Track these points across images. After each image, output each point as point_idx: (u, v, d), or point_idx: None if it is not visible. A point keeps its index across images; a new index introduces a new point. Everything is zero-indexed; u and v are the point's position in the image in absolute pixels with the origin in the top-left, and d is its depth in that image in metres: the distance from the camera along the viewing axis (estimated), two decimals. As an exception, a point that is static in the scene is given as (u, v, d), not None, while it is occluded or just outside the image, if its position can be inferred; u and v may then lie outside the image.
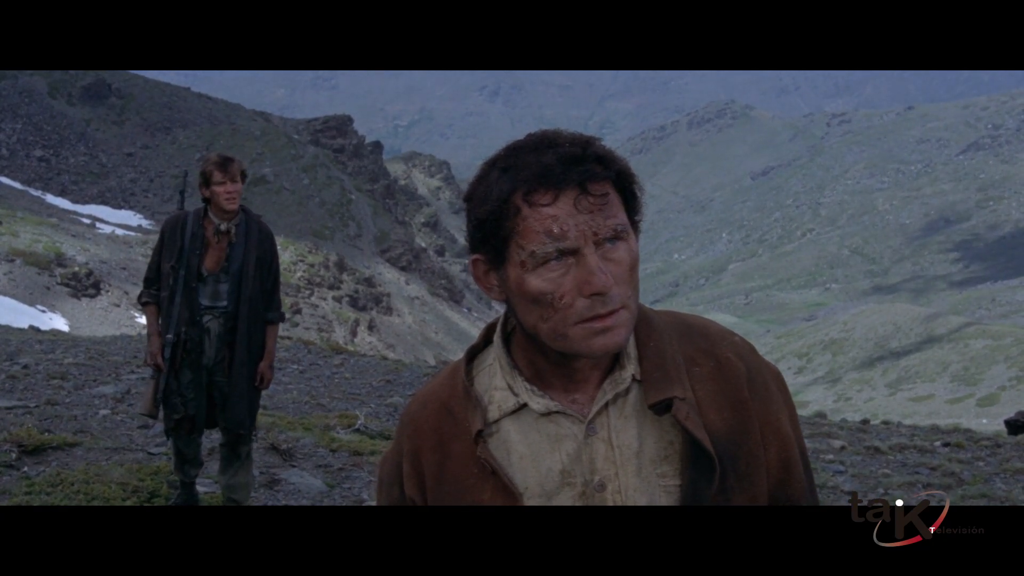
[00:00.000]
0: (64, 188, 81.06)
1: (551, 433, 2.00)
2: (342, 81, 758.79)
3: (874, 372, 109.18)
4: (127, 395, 12.81)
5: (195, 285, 7.10)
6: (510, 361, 2.06)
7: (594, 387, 2.01)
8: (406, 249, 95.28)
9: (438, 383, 2.16)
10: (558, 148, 1.89)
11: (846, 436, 14.40)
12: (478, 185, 1.95)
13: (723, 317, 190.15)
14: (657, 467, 1.98)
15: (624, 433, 1.99)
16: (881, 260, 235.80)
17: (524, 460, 2.00)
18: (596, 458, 1.98)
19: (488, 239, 1.93)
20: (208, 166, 7.11)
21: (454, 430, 2.05)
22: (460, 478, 2.02)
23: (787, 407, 2.13)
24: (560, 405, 2.00)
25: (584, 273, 1.85)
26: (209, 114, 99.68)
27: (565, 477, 1.98)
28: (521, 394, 2.02)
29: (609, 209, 1.88)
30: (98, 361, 16.16)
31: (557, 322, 1.88)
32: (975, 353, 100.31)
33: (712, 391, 2.03)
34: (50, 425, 10.41)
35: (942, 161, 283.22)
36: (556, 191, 1.85)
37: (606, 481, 1.97)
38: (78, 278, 50.38)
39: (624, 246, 1.91)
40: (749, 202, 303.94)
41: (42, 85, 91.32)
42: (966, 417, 74.60)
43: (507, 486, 1.97)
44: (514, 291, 1.93)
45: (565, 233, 1.84)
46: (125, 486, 7.88)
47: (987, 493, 10.53)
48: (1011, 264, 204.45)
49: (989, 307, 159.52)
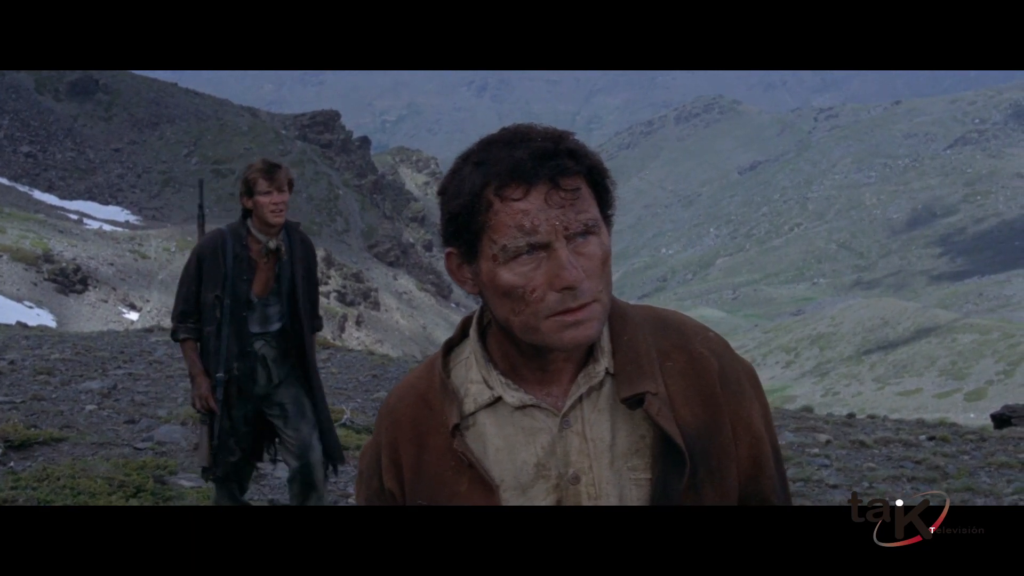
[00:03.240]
0: (51, 184, 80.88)
1: (526, 426, 2.01)
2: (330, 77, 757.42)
3: (862, 366, 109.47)
4: (113, 390, 12.80)
5: (244, 314, 6.34)
6: (485, 355, 2.07)
7: (568, 381, 2.02)
8: (394, 244, 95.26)
9: (416, 376, 2.17)
10: (530, 143, 1.90)
11: (831, 430, 14.43)
12: (452, 179, 1.96)
13: (711, 312, 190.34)
14: (628, 460, 2.00)
15: (597, 426, 2.01)
16: (869, 255, 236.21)
17: (500, 453, 2.01)
18: (570, 451, 1.99)
19: (461, 233, 1.95)
20: (252, 173, 6.31)
21: (431, 423, 2.06)
22: (438, 470, 2.03)
23: (759, 404, 2.15)
24: (535, 399, 2.01)
25: (555, 267, 1.86)
26: (196, 110, 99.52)
27: (540, 470, 2.00)
28: (496, 387, 2.03)
29: (580, 204, 1.90)
30: (84, 357, 16.16)
31: (529, 315, 1.90)
32: (963, 347, 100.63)
33: (684, 386, 2.05)
34: (36, 420, 10.42)
35: (929, 155, 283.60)
36: (527, 186, 1.87)
37: (580, 474, 1.99)
38: (66, 274, 50.34)
39: (595, 240, 1.92)
40: (737, 197, 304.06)
41: (29, 81, 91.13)
42: (954, 411, 74.84)
43: (483, 478, 1.98)
44: (487, 284, 1.95)
45: (536, 227, 1.86)
46: (111, 481, 7.88)
47: (971, 487, 10.56)
48: (998, 258, 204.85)
49: (976, 301, 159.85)
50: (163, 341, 19.54)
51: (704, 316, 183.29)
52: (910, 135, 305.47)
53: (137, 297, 52.74)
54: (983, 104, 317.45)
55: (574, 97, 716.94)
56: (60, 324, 41.73)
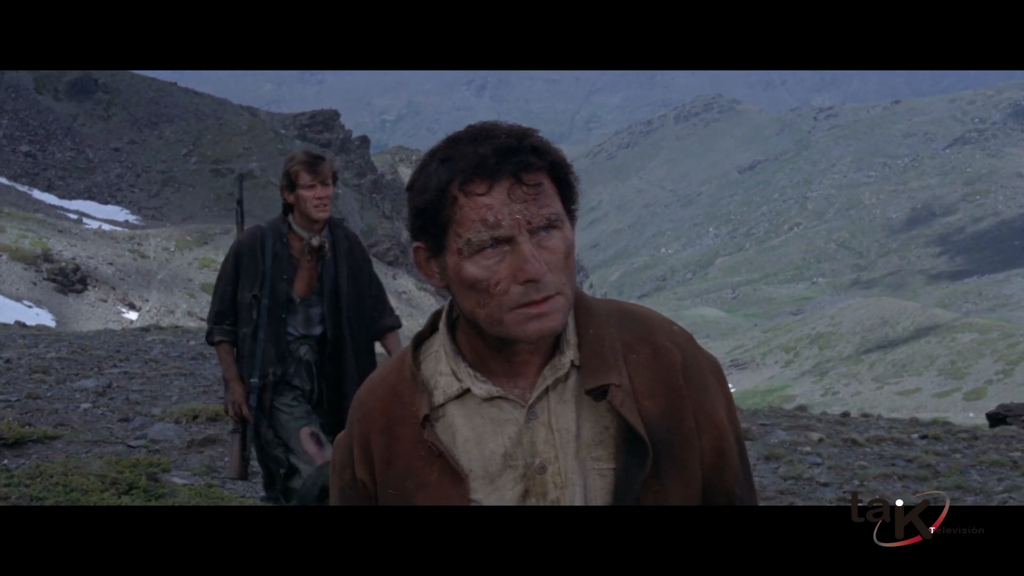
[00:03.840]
0: (51, 183, 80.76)
1: (494, 417, 2.06)
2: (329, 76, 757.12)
3: (861, 366, 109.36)
4: (108, 389, 12.83)
5: (283, 316, 5.93)
6: (454, 347, 2.11)
7: (535, 373, 2.07)
8: (393, 244, 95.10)
9: (387, 369, 2.22)
10: (494, 140, 1.95)
11: (824, 428, 14.46)
12: (419, 175, 2.01)
13: (710, 311, 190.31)
14: (592, 451, 2.05)
15: (563, 417, 2.05)
16: (868, 254, 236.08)
17: (468, 443, 2.06)
18: (537, 441, 2.04)
19: (427, 227, 2.00)
20: (294, 166, 5.91)
21: (402, 414, 2.10)
22: (408, 460, 2.08)
23: (724, 397, 2.19)
24: (502, 390, 2.06)
25: (518, 260, 1.91)
26: (196, 109, 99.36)
27: (507, 460, 2.04)
28: (464, 379, 2.07)
29: (543, 199, 1.95)
30: (80, 356, 16.18)
31: (493, 308, 1.95)
32: (962, 347, 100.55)
33: (648, 378, 2.09)
34: (31, 418, 10.46)
35: (929, 155, 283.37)
36: (491, 181, 1.91)
37: (546, 463, 2.03)
38: (65, 274, 50.27)
39: (558, 234, 1.97)
40: (736, 196, 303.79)
41: (28, 80, 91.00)
42: (953, 411, 74.82)
43: (453, 468, 2.03)
44: (453, 278, 1.99)
45: (499, 222, 1.91)
46: (104, 478, 7.89)
47: (962, 484, 10.60)
48: (997, 258, 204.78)
49: (976, 301, 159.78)
50: (159, 340, 19.57)
51: (703, 315, 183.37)
52: (909, 134, 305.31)
53: (136, 297, 52.64)
54: (982, 104, 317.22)
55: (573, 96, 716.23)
56: (59, 324, 41.69)
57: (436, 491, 2.05)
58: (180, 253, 59.09)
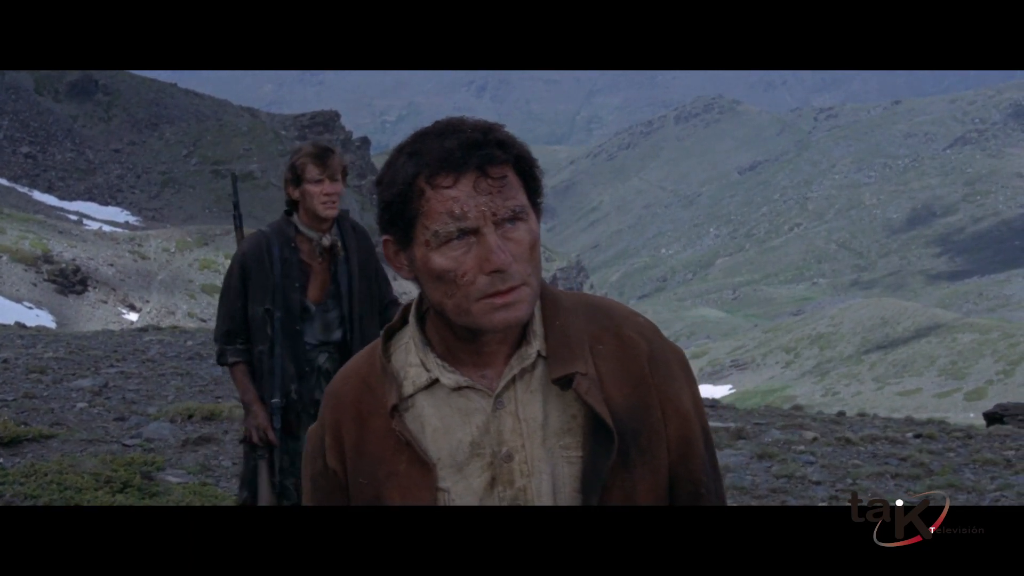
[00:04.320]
0: (51, 185, 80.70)
1: (462, 407, 2.11)
2: (329, 76, 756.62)
3: (862, 366, 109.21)
4: (104, 388, 12.86)
5: (299, 327, 5.45)
6: (423, 339, 2.16)
7: (502, 363, 2.12)
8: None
9: (359, 360, 2.26)
10: (460, 134, 2.00)
11: (819, 427, 14.47)
12: (387, 170, 2.06)
13: (710, 312, 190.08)
14: (560, 439, 2.09)
15: (530, 407, 2.10)
16: (868, 254, 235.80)
17: (437, 433, 2.10)
18: (504, 430, 2.09)
19: (396, 220, 2.05)
20: (300, 158, 5.41)
21: (373, 404, 2.15)
22: (378, 449, 2.12)
23: (689, 387, 2.24)
24: (470, 380, 2.10)
25: (484, 251, 1.96)
26: (196, 110, 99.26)
27: (475, 448, 2.09)
28: (433, 370, 2.12)
29: (508, 191, 2.00)
30: (78, 355, 16.20)
31: (460, 298, 2.00)
32: (962, 347, 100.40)
33: (614, 368, 2.14)
34: (27, 418, 10.48)
35: (929, 155, 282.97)
36: (457, 174, 1.96)
37: (513, 452, 2.08)
38: (65, 275, 50.24)
39: (524, 226, 2.02)
40: (737, 197, 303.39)
41: (28, 81, 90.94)
42: (953, 411, 74.68)
43: (421, 457, 2.07)
44: (421, 269, 2.05)
45: (465, 213, 1.96)
46: (98, 476, 7.92)
47: (955, 483, 10.62)
48: (998, 258, 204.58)
49: (976, 301, 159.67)
50: (157, 340, 19.58)
51: (704, 316, 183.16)
52: (910, 135, 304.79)
53: (137, 298, 52.59)
54: (983, 104, 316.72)
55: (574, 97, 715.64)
56: (60, 325, 41.68)
57: (405, 479, 2.10)
58: (180, 254, 59.01)
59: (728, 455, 11.66)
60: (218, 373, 15.57)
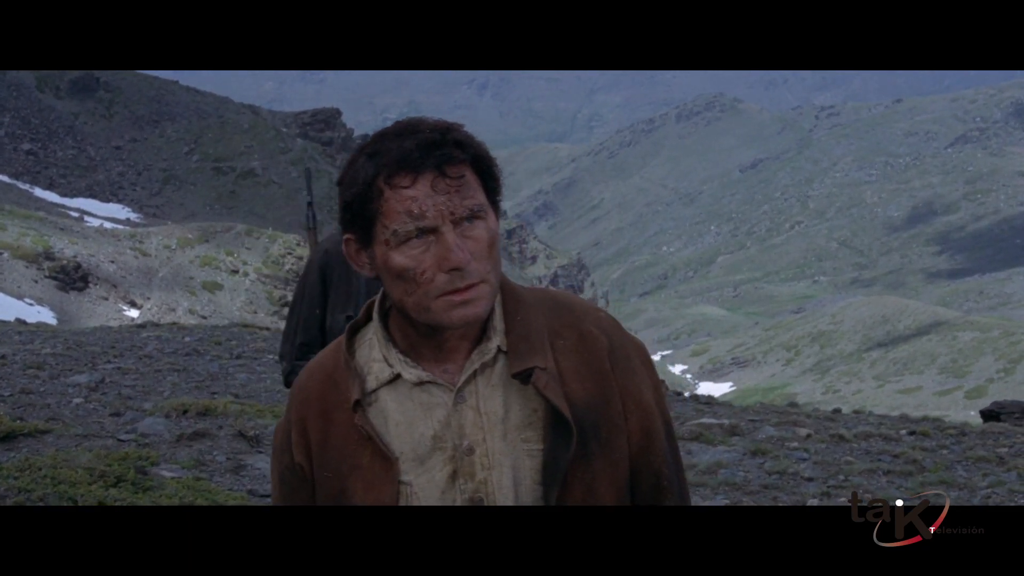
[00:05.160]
0: (52, 182, 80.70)
1: (424, 401, 2.15)
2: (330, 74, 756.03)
3: (862, 364, 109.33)
4: (101, 384, 12.88)
5: None
6: (386, 335, 2.20)
7: (463, 358, 2.16)
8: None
9: (324, 356, 2.30)
10: (418, 134, 2.04)
11: (813, 424, 14.45)
12: (348, 170, 2.11)
13: (711, 310, 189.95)
14: (521, 432, 2.13)
15: (491, 401, 2.14)
16: (869, 253, 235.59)
17: (400, 427, 2.14)
18: (465, 424, 2.13)
19: (356, 220, 2.09)
20: None
21: (337, 399, 2.19)
22: (342, 444, 2.16)
23: (650, 380, 2.28)
24: (431, 375, 2.14)
25: (442, 250, 2.01)
26: (197, 107, 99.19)
27: (437, 442, 2.13)
28: (395, 365, 2.16)
29: (466, 190, 2.04)
30: (75, 351, 16.21)
31: (420, 296, 2.04)
32: (963, 345, 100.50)
33: (575, 363, 2.18)
34: (23, 413, 10.50)
35: (930, 154, 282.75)
36: (415, 174, 2.01)
37: (474, 445, 2.12)
38: (66, 272, 50.23)
39: (482, 224, 2.07)
40: (738, 195, 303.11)
41: (30, 79, 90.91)
42: (954, 409, 74.78)
43: (383, 451, 2.12)
44: (382, 268, 2.09)
45: (424, 213, 2.00)
46: (92, 471, 7.95)
47: (947, 480, 10.63)
48: (999, 256, 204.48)
49: (977, 299, 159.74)
50: (154, 336, 19.58)
51: (705, 314, 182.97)
52: (911, 133, 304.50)
53: (138, 295, 52.54)
54: (984, 103, 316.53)
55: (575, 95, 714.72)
56: (61, 322, 41.64)
57: (368, 473, 2.13)
58: (182, 251, 58.96)
59: (721, 451, 11.68)
60: (215, 369, 15.59)
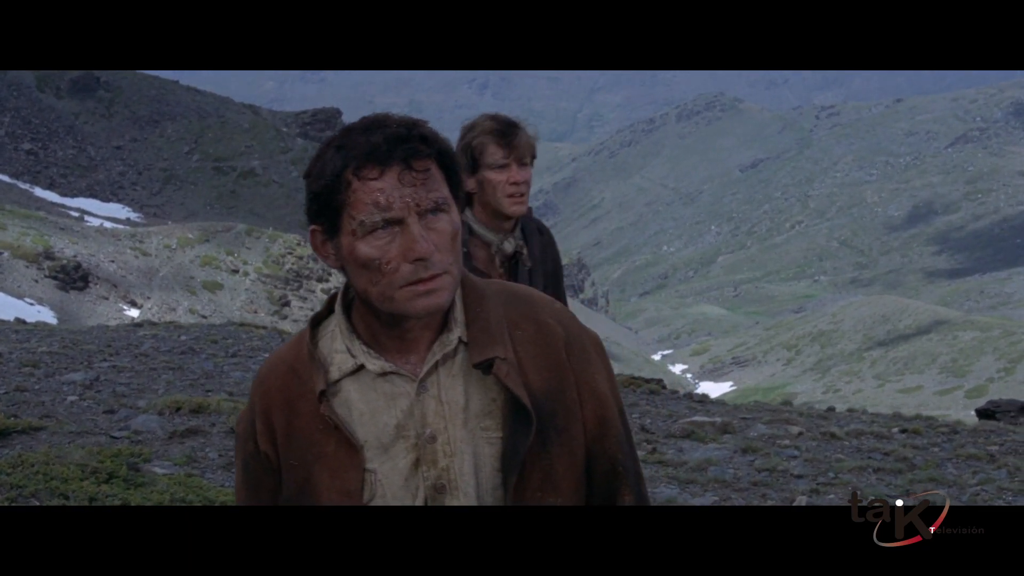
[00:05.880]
0: (52, 181, 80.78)
1: (387, 391, 2.22)
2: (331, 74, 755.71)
3: (863, 364, 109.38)
4: (96, 382, 12.90)
5: None
6: (349, 326, 2.26)
7: (425, 349, 2.23)
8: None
9: (285, 349, 2.37)
10: (386, 129, 2.12)
11: (805, 422, 14.42)
12: (316, 163, 2.17)
13: (712, 309, 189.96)
14: (481, 421, 2.21)
15: (452, 390, 2.22)
16: (869, 252, 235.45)
17: (364, 416, 2.21)
18: (427, 413, 2.20)
19: (323, 211, 2.15)
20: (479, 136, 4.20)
21: (300, 390, 2.25)
22: (307, 433, 2.23)
23: (605, 369, 2.38)
24: (394, 366, 2.22)
25: (407, 240, 2.08)
26: (198, 107, 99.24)
27: (400, 431, 2.20)
28: (359, 356, 2.23)
29: (431, 184, 2.12)
30: (71, 350, 16.20)
31: (385, 286, 2.10)
32: (963, 345, 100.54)
33: (533, 353, 2.26)
34: (17, 410, 10.52)
35: (931, 153, 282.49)
36: (382, 167, 2.08)
37: (436, 434, 2.19)
38: (66, 271, 50.31)
39: (445, 218, 2.14)
40: (738, 194, 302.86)
41: (30, 78, 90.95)
42: (954, 408, 74.79)
43: (349, 439, 2.18)
44: (347, 258, 2.15)
45: (390, 204, 2.07)
46: (84, 467, 7.98)
47: (936, 478, 10.63)
48: (999, 256, 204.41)
49: (977, 299, 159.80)
50: (151, 335, 19.57)
51: (705, 313, 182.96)
52: (911, 133, 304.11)
53: (138, 295, 52.63)
54: (984, 102, 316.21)
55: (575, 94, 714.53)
56: (61, 321, 41.70)
57: (333, 461, 2.20)
58: (182, 251, 59.02)
59: (712, 449, 11.70)
60: (209, 367, 15.58)
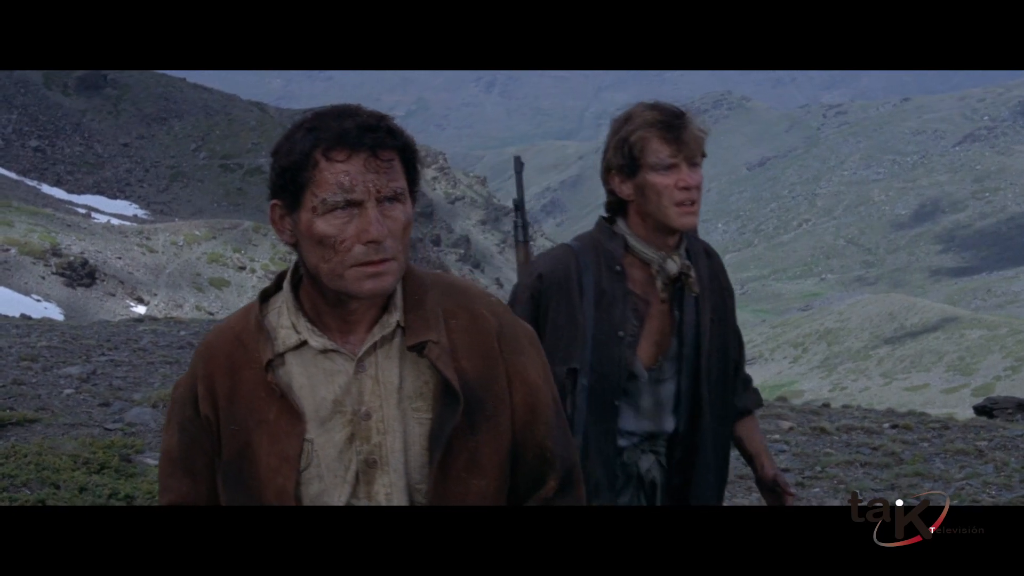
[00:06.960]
0: (59, 178, 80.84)
1: (327, 368, 2.36)
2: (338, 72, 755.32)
3: (869, 362, 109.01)
4: (92, 376, 12.99)
5: (618, 403, 3.39)
6: (296, 303, 2.41)
7: (365, 330, 2.38)
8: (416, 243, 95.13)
9: (233, 319, 2.51)
10: (357, 117, 2.29)
11: (796, 418, 14.53)
12: (285, 142, 2.32)
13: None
14: (413, 402, 2.36)
15: (388, 371, 2.36)
16: (876, 251, 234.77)
17: (303, 389, 2.35)
18: (364, 391, 2.35)
19: (287, 186, 2.29)
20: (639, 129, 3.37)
21: (244, 359, 2.39)
22: (249, 400, 2.37)
23: (538, 360, 2.53)
24: (335, 344, 2.36)
25: (364, 223, 2.22)
26: (205, 104, 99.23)
27: (337, 406, 2.35)
28: (303, 332, 2.37)
29: (392, 173, 2.28)
30: (70, 344, 16.29)
31: (336, 264, 2.24)
32: (970, 343, 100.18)
33: (466, 341, 2.41)
34: (14, 403, 10.60)
35: (938, 152, 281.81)
36: (351, 151, 2.23)
37: (371, 411, 2.34)
38: (73, 268, 50.42)
39: (401, 208, 2.29)
40: (745, 193, 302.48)
41: (37, 75, 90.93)
42: (961, 407, 74.44)
43: (292, 407, 2.33)
44: (304, 233, 2.29)
45: (353, 186, 2.22)
46: (76, 458, 8.10)
47: (923, 472, 10.72)
48: (1006, 255, 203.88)
49: (984, 297, 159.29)
50: (150, 330, 19.61)
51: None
52: (919, 132, 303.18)
53: (145, 291, 52.75)
54: (992, 101, 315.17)
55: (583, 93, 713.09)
56: (68, 318, 41.72)
57: (274, 427, 2.34)
58: (189, 248, 59.11)
59: (702, 444, 11.78)
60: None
